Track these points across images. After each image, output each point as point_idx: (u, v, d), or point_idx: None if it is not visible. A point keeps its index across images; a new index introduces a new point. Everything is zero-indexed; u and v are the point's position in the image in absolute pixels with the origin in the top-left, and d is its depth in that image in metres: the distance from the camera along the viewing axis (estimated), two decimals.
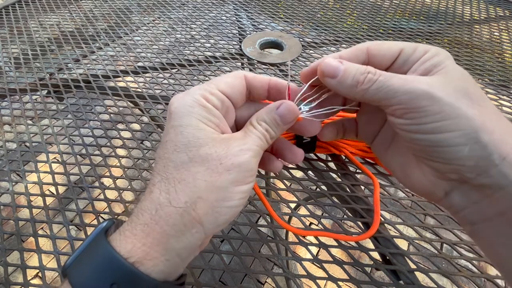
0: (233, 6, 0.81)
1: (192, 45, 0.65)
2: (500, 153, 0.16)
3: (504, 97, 0.51)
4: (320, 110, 0.22)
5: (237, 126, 0.24)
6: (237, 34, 0.69)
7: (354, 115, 0.25)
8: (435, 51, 0.19)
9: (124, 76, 0.56)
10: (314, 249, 0.50)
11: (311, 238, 0.32)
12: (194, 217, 0.17)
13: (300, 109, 0.22)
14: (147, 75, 0.57)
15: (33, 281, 0.36)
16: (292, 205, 0.86)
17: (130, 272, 0.16)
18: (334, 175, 0.38)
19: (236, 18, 0.75)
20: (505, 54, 0.62)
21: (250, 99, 0.23)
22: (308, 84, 0.22)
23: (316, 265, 0.33)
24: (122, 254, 0.17)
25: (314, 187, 0.39)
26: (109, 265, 0.16)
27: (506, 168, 0.16)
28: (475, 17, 0.76)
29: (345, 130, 0.26)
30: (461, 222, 0.20)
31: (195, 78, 0.55)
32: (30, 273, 1.02)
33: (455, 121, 0.16)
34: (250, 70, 0.60)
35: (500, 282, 0.29)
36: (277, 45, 0.64)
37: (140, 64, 0.59)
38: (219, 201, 0.18)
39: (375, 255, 0.31)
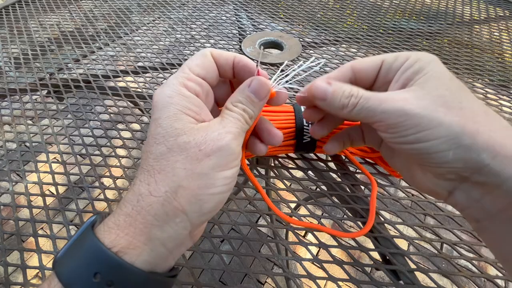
0: (233, 6, 0.81)
1: (192, 45, 0.65)
2: (490, 152, 0.17)
3: (504, 97, 0.51)
4: (290, 81, 0.22)
5: (218, 106, 0.24)
6: (237, 34, 0.69)
7: (358, 122, 0.26)
8: (415, 57, 0.20)
9: (124, 76, 0.56)
10: (314, 249, 0.50)
11: (311, 238, 0.32)
12: (176, 206, 0.17)
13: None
14: (147, 75, 0.57)
15: (33, 281, 0.36)
16: (292, 205, 0.86)
17: (112, 260, 0.16)
18: (334, 175, 0.38)
19: (236, 18, 0.75)
20: (505, 54, 0.62)
21: (220, 77, 0.23)
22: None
23: (316, 265, 0.33)
24: (106, 244, 0.16)
25: (314, 187, 0.39)
26: (92, 255, 0.17)
27: (498, 166, 0.16)
28: (475, 17, 0.76)
29: (352, 139, 0.26)
30: (467, 219, 0.20)
31: None
32: (30, 273, 1.02)
33: (433, 130, 0.17)
34: None
35: (500, 282, 0.30)
36: (277, 45, 0.64)
37: (140, 64, 0.59)
38: (201, 189, 0.18)
39: (375, 255, 0.31)
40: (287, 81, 0.22)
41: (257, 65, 0.22)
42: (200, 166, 0.18)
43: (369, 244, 0.33)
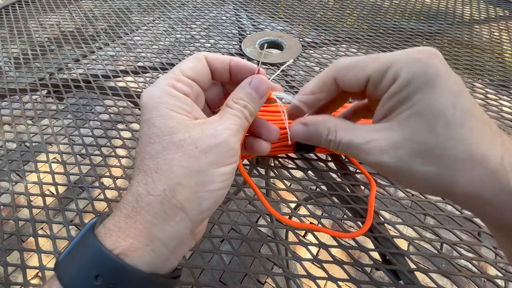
0: (233, 6, 0.81)
1: (192, 45, 0.65)
2: (471, 202, 0.17)
3: (504, 97, 0.51)
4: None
5: (210, 108, 0.24)
6: (237, 34, 0.69)
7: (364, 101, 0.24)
8: (404, 81, 0.17)
9: (124, 76, 0.56)
10: (314, 249, 0.50)
11: (311, 238, 0.32)
12: (175, 204, 0.17)
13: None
14: (147, 75, 0.57)
15: (33, 281, 0.36)
16: (292, 205, 0.86)
17: (114, 262, 0.16)
18: (334, 175, 0.38)
19: (236, 18, 0.75)
20: (505, 54, 0.62)
21: (214, 80, 0.23)
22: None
23: (316, 265, 0.33)
24: (107, 247, 0.16)
25: (314, 187, 0.39)
26: (93, 257, 0.16)
27: (505, 206, 0.16)
28: (475, 17, 0.76)
29: (359, 110, 0.24)
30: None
31: None
32: (30, 273, 1.02)
33: (410, 178, 0.17)
34: None
35: (500, 282, 0.30)
36: (277, 45, 0.64)
37: (140, 64, 0.59)
38: (199, 186, 0.18)
39: (375, 255, 0.31)
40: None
41: (258, 64, 0.22)
42: (197, 163, 0.17)
43: (369, 244, 0.33)
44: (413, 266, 0.30)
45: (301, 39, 0.65)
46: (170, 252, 0.18)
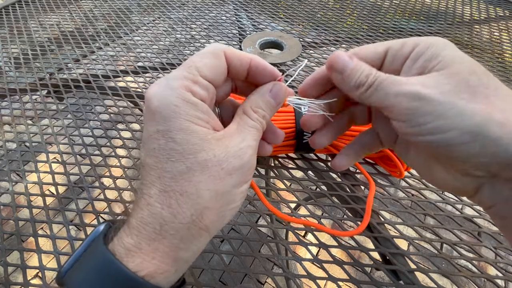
0: (233, 6, 0.81)
1: (192, 45, 0.65)
2: None
3: None
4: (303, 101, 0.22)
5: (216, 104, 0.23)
6: (237, 34, 0.69)
7: (370, 125, 0.24)
8: (427, 43, 0.17)
9: (124, 76, 0.56)
10: (314, 249, 0.50)
11: (311, 238, 0.32)
12: (201, 227, 0.17)
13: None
14: (147, 75, 0.57)
15: (33, 281, 0.36)
16: (292, 205, 0.86)
17: (141, 285, 0.16)
18: (334, 175, 0.38)
19: (236, 18, 0.75)
20: (505, 54, 0.62)
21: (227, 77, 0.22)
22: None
23: (316, 265, 0.33)
24: (130, 268, 0.16)
25: (314, 187, 0.39)
26: (117, 281, 0.16)
27: None
28: (475, 17, 0.76)
29: (369, 146, 0.23)
30: (492, 217, 0.19)
31: None
32: (30, 273, 1.02)
33: (454, 119, 0.15)
34: None
35: (500, 282, 0.30)
36: (277, 45, 0.64)
37: (140, 64, 0.59)
38: (223, 206, 0.18)
39: (375, 255, 0.31)
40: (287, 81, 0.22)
41: (282, 74, 0.21)
42: (222, 185, 0.17)
43: (369, 244, 0.33)
44: (413, 266, 0.30)
45: (301, 39, 0.65)
46: (188, 265, 0.18)
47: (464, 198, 0.29)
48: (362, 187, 0.37)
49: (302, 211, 0.94)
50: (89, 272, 0.16)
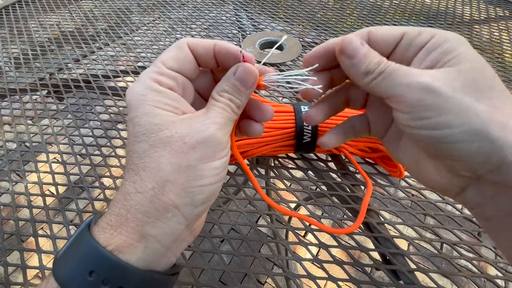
0: (233, 6, 0.81)
1: None
2: None
3: None
4: (280, 75, 0.20)
5: (204, 97, 0.23)
6: (237, 34, 0.69)
7: (363, 110, 0.24)
8: (443, 37, 0.17)
9: (124, 76, 0.56)
10: (314, 249, 0.50)
11: (311, 238, 0.32)
12: (166, 201, 0.17)
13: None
14: None
15: (33, 281, 0.36)
16: (292, 205, 0.86)
17: (107, 258, 0.16)
18: (334, 175, 0.38)
19: (236, 18, 0.75)
20: (505, 54, 0.62)
21: (201, 68, 0.22)
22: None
23: (316, 265, 0.33)
24: (101, 243, 0.17)
25: (314, 187, 0.39)
26: (87, 253, 0.17)
27: None
28: (475, 17, 0.76)
29: (357, 130, 0.24)
30: (477, 217, 0.19)
31: None
32: (30, 273, 1.02)
33: (458, 116, 0.15)
34: None
35: (500, 282, 0.30)
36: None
37: (140, 64, 0.59)
38: (190, 181, 0.17)
39: (375, 255, 0.31)
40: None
41: (240, 51, 0.20)
42: (186, 159, 0.17)
43: (369, 244, 0.33)
44: (413, 266, 0.30)
45: (301, 39, 0.65)
46: (166, 248, 0.18)
47: None
48: (362, 187, 0.37)
49: (302, 211, 0.94)
50: (71, 252, 0.18)
